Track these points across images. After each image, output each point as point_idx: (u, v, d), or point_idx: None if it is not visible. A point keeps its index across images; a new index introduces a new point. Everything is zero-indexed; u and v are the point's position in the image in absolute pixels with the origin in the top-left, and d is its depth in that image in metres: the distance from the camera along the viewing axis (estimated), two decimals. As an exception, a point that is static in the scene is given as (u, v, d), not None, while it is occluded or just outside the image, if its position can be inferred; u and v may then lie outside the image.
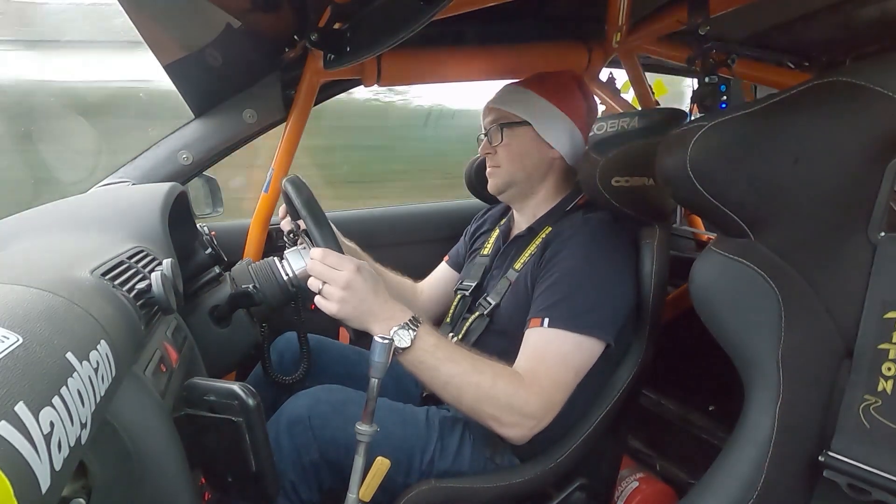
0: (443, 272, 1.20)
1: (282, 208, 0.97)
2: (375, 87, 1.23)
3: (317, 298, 0.75)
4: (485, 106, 1.03)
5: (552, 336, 0.78)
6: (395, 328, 0.72)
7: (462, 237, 1.21)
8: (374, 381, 0.66)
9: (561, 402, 0.77)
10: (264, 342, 0.91)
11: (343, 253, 0.76)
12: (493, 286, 0.96)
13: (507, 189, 0.99)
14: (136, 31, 0.91)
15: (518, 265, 0.93)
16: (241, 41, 1.02)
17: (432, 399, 0.97)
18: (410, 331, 0.73)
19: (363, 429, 0.66)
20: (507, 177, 0.98)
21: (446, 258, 1.22)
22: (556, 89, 0.98)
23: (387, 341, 0.65)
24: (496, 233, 1.09)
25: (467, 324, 0.96)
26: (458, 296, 1.06)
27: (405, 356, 0.73)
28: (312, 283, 0.75)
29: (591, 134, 1.01)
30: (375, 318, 0.74)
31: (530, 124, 0.95)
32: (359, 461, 0.67)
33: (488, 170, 1.01)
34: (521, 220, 1.03)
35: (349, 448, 0.77)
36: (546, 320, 0.79)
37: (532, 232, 0.95)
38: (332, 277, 0.73)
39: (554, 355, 0.78)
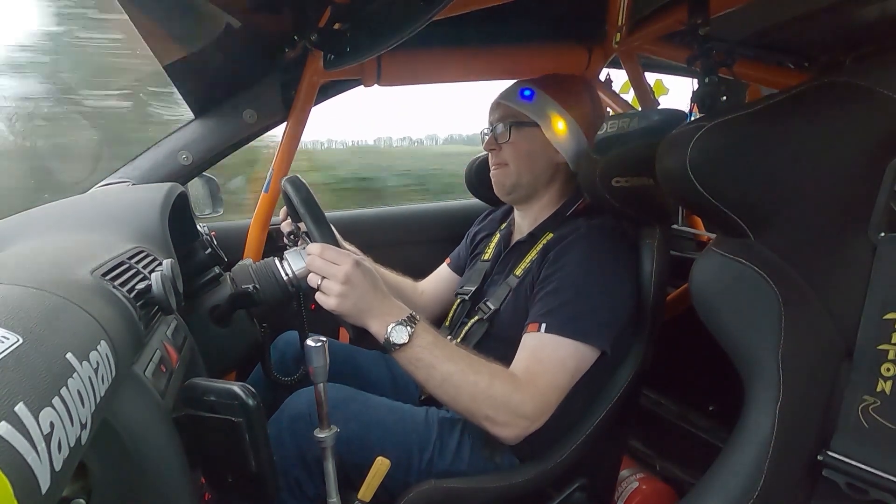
0: (444, 273, 1.20)
1: (283, 211, 0.97)
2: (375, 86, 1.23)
3: (316, 295, 0.74)
4: (493, 101, 1.02)
5: (549, 341, 0.78)
6: (393, 324, 0.72)
7: (464, 240, 1.21)
8: (320, 386, 0.64)
9: (555, 405, 0.77)
10: (264, 342, 0.91)
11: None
12: (493, 291, 0.96)
13: (513, 191, 0.99)
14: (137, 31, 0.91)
15: (518, 271, 0.93)
16: (241, 41, 1.02)
17: (431, 400, 0.97)
18: (408, 327, 0.73)
19: (322, 435, 0.65)
20: (514, 177, 0.97)
21: (448, 260, 1.21)
22: (568, 93, 0.97)
23: (319, 344, 0.62)
24: (497, 237, 1.08)
25: (466, 328, 0.96)
26: (458, 300, 1.06)
27: (402, 353, 0.73)
28: (311, 279, 0.74)
29: None
30: (373, 314, 0.73)
31: (539, 126, 0.95)
32: (328, 467, 0.66)
33: (493, 168, 1.00)
34: (524, 224, 1.02)
35: (351, 444, 0.77)
36: (544, 326, 0.79)
37: (533, 238, 0.95)
38: (331, 272, 0.72)
39: (551, 359, 0.78)
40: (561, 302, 0.80)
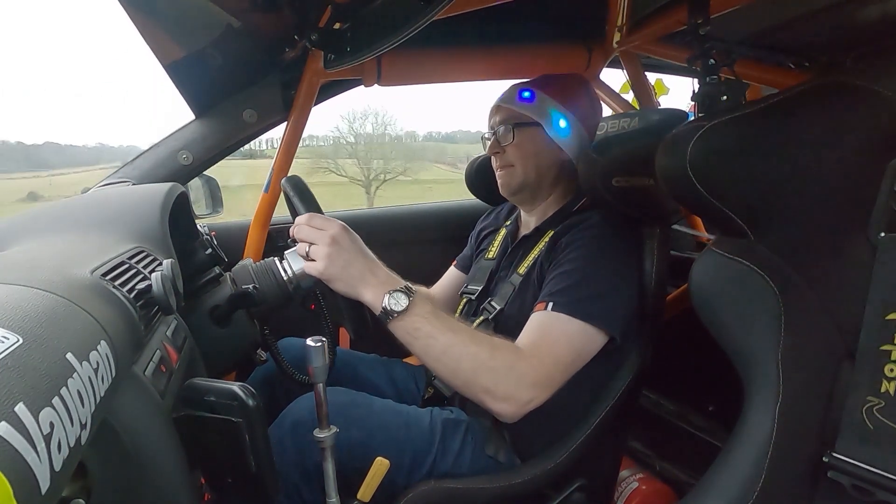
0: (453, 276, 1.20)
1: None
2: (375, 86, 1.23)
3: (305, 264, 0.74)
4: (493, 105, 1.02)
5: (556, 319, 0.77)
6: (390, 291, 0.71)
7: (469, 239, 1.21)
8: (320, 386, 0.64)
9: (558, 383, 0.75)
10: (270, 343, 0.91)
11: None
12: (498, 290, 0.96)
13: (520, 191, 0.99)
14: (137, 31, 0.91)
15: (522, 269, 0.92)
16: (241, 41, 1.02)
17: (433, 401, 0.97)
18: (406, 296, 0.71)
19: (322, 436, 0.65)
20: (521, 177, 0.97)
21: (454, 262, 1.21)
22: (565, 91, 0.98)
23: (319, 344, 0.62)
24: (503, 233, 1.08)
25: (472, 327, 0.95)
26: (464, 299, 1.06)
27: (400, 321, 0.71)
28: (300, 248, 0.74)
29: None
30: (366, 281, 0.72)
31: (541, 125, 0.95)
32: (328, 467, 0.66)
33: (499, 171, 1.00)
34: (530, 221, 1.03)
35: (352, 450, 0.76)
36: (550, 304, 0.78)
37: (539, 233, 0.96)
38: (318, 236, 0.72)
39: (557, 335, 0.77)
40: (570, 283, 0.79)
